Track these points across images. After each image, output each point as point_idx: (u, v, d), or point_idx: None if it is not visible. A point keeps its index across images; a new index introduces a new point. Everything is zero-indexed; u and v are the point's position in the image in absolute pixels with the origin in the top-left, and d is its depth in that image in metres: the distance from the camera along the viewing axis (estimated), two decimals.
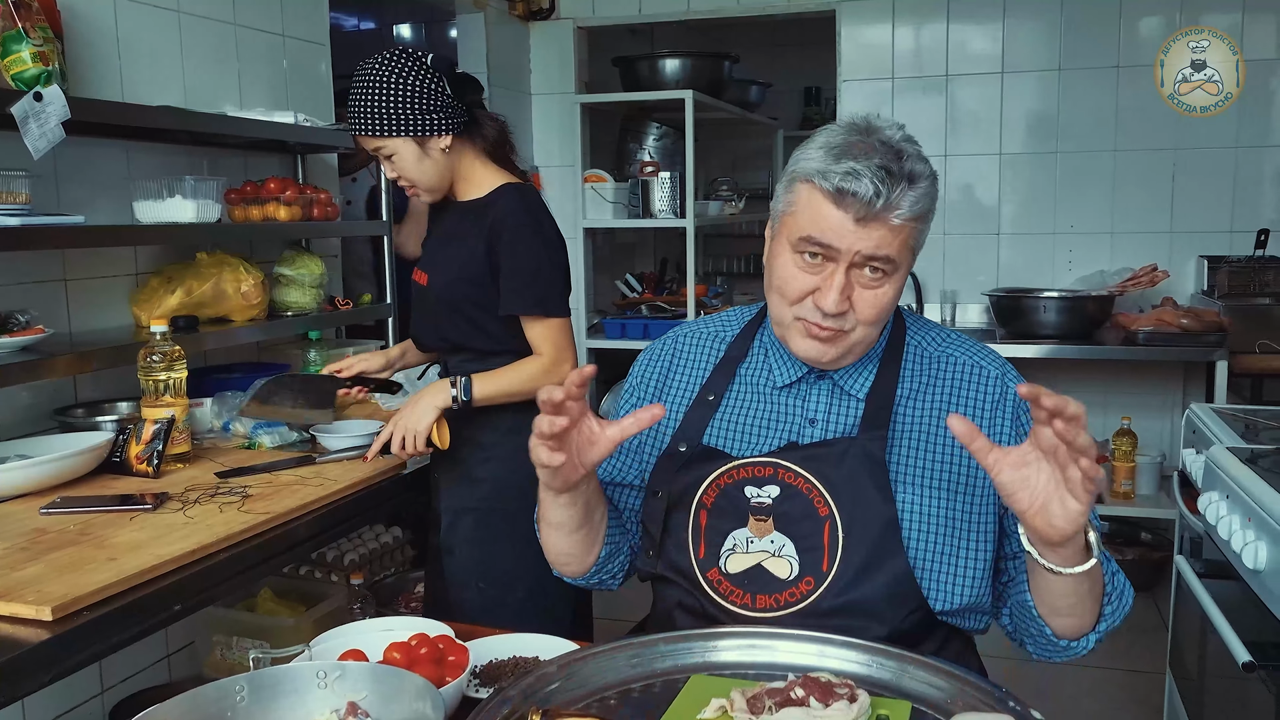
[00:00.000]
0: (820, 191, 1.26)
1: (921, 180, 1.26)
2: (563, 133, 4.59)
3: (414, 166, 2.07)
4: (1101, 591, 1.27)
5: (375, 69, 2.03)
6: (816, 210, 1.27)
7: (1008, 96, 4.20)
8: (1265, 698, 1.67)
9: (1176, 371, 4.14)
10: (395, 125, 2.02)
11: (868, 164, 1.23)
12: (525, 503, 2.09)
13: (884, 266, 1.28)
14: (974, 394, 1.39)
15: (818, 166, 1.26)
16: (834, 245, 1.26)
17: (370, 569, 3.01)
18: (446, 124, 2.06)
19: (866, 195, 1.22)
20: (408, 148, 2.05)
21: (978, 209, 4.28)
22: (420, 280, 2.20)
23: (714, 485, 1.38)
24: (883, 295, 1.30)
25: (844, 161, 1.24)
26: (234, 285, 2.56)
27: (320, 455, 2.20)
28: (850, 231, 1.25)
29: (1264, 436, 2.17)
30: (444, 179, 2.12)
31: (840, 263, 1.27)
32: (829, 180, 1.24)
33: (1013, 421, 1.38)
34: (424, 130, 2.04)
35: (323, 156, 3.23)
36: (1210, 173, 4.02)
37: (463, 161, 2.13)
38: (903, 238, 1.27)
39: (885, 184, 1.22)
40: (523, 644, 1.44)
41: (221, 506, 1.86)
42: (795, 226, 1.30)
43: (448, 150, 2.08)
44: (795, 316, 1.33)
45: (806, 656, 1.27)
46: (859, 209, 1.24)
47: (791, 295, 1.32)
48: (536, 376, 2.08)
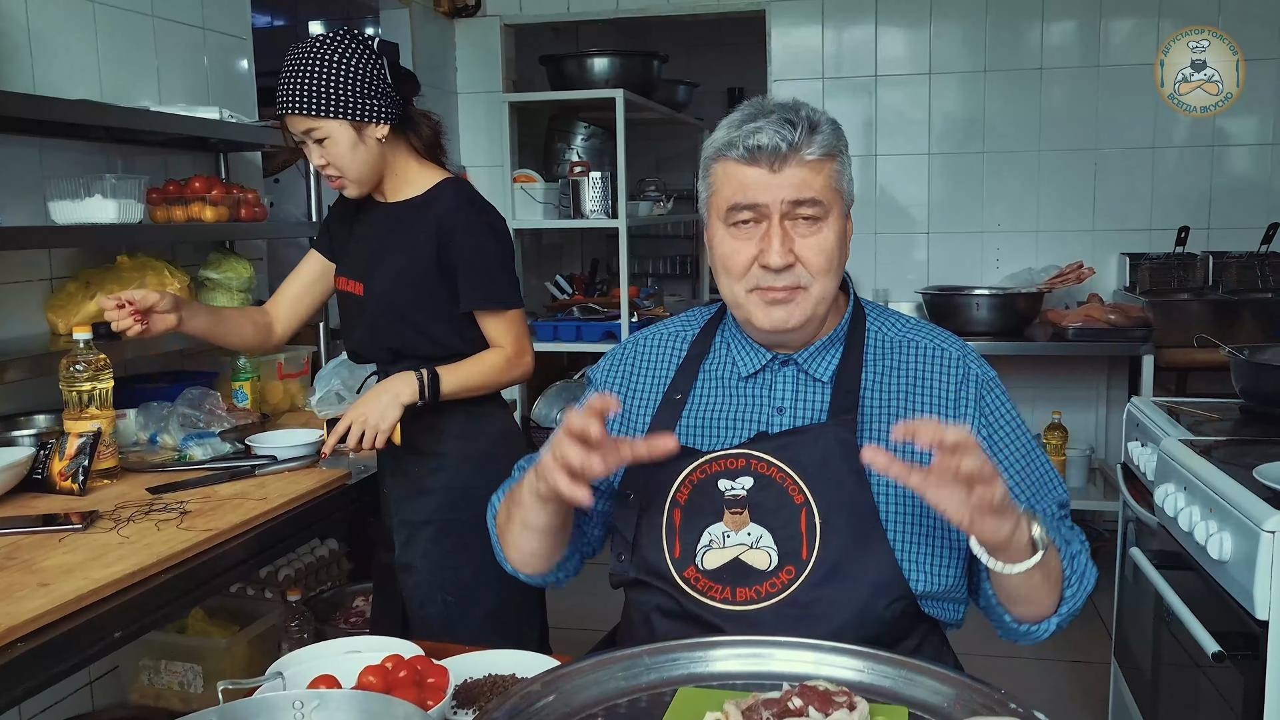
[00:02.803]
0: (732, 160, 1.30)
1: (823, 125, 1.30)
2: (490, 132, 4.50)
3: (347, 153, 1.95)
4: (1059, 578, 1.29)
5: (317, 46, 1.91)
6: (734, 177, 1.30)
7: (935, 98, 4.25)
8: (1233, 687, 1.69)
9: (1101, 366, 4.24)
10: (333, 105, 1.90)
11: (767, 120, 1.28)
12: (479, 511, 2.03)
13: (814, 210, 1.30)
14: (937, 376, 1.39)
15: (724, 140, 1.30)
16: (759, 201, 1.29)
17: (306, 584, 2.88)
18: (385, 113, 1.96)
19: (773, 143, 1.26)
20: (343, 132, 1.93)
21: (907, 208, 4.33)
22: (353, 289, 2.08)
23: (686, 482, 1.35)
24: (824, 240, 1.31)
25: (745, 127, 1.28)
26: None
27: (261, 467, 2.09)
28: (770, 182, 1.28)
29: (1208, 429, 2.21)
30: (375, 171, 2.00)
31: (772, 216, 1.29)
32: (736, 146, 1.28)
33: (976, 402, 1.38)
34: (363, 115, 1.93)
35: (246, 155, 3.10)
36: (1129, 172, 4.13)
37: (396, 158, 2.03)
38: (823, 177, 1.30)
39: (788, 129, 1.27)
40: (498, 661, 1.37)
41: (159, 524, 1.75)
42: (721, 200, 1.32)
43: (383, 141, 1.98)
44: (748, 290, 1.34)
45: (802, 665, 1.23)
46: (770, 159, 1.27)
47: (737, 268, 1.33)
48: (500, 368, 2.01)
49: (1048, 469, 1.40)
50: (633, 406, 1.46)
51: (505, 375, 2.03)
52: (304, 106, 1.91)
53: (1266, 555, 1.57)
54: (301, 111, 1.91)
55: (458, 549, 2.02)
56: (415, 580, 2.04)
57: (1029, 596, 1.27)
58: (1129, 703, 2.42)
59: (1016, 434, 1.39)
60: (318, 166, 2.00)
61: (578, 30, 5.42)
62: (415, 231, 2.00)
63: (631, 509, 1.38)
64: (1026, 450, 1.39)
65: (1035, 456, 1.40)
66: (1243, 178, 4.05)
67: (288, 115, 1.94)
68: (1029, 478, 1.38)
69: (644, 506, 1.37)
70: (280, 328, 2.23)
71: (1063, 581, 1.30)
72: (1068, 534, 1.36)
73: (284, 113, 1.94)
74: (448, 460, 2.04)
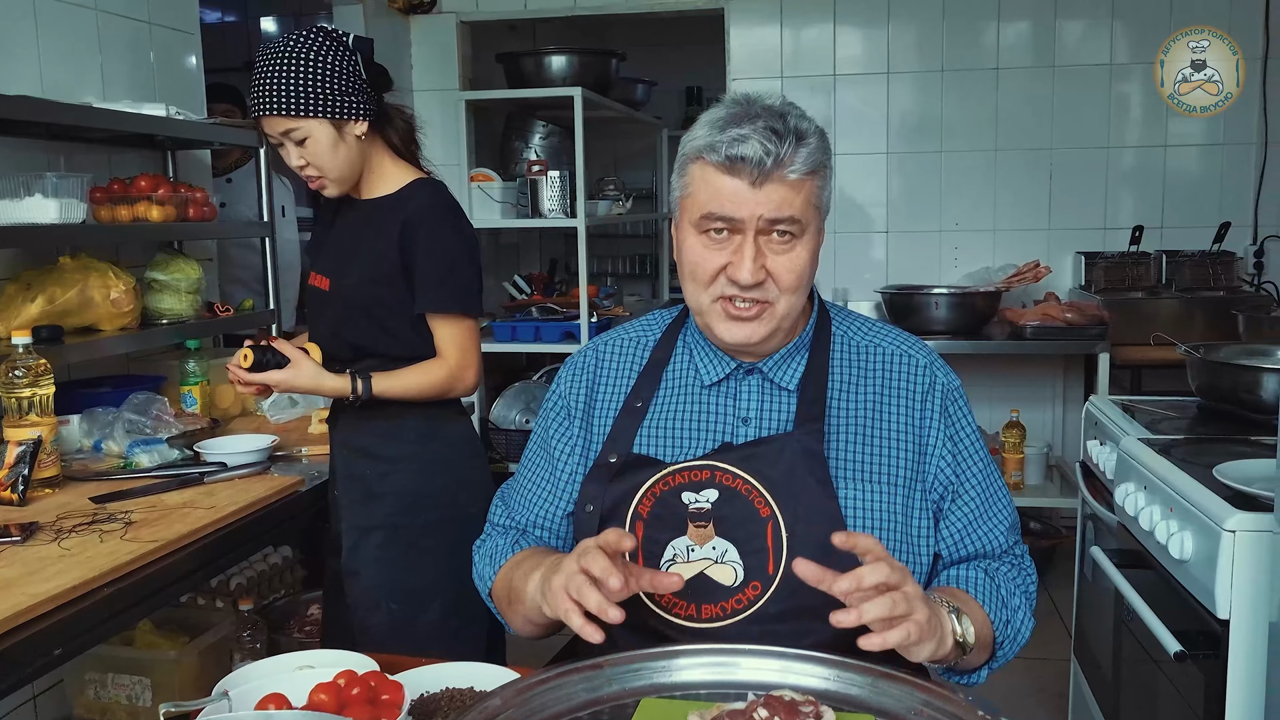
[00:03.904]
0: (712, 166, 1.24)
1: (810, 136, 1.25)
2: (446, 131, 4.43)
3: (328, 152, 1.91)
4: (990, 646, 1.29)
5: (292, 45, 1.86)
6: (712, 184, 1.24)
7: (893, 97, 4.26)
8: (1194, 685, 1.69)
9: (1058, 364, 4.28)
10: (313, 105, 1.86)
11: (753, 127, 1.22)
12: (435, 515, 2.00)
13: (791, 228, 1.26)
14: (904, 383, 1.38)
15: (705, 141, 1.24)
16: (736, 215, 1.24)
17: (258, 592, 2.82)
18: (364, 109, 1.92)
19: (757, 156, 1.21)
20: (324, 130, 1.89)
21: (865, 208, 4.33)
22: (320, 284, 2.04)
23: (649, 494, 1.32)
24: (797, 258, 1.27)
25: (729, 130, 1.22)
26: (102, 292, 2.35)
27: (210, 474, 2.03)
28: (749, 197, 1.23)
29: (1166, 427, 2.22)
30: (355, 169, 1.97)
31: (747, 232, 1.25)
32: (717, 151, 1.22)
33: (941, 411, 1.37)
34: (343, 113, 1.89)
35: (194, 153, 3.02)
36: (1084, 171, 4.16)
37: (372, 155, 1.99)
38: (804, 195, 1.25)
39: (773, 142, 1.21)
40: (455, 674, 1.32)
41: (102, 536, 1.69)
42: (695, 206, 1.27)
43: (362, 138, 1.94)
44: (713, 299, 1.30)
45: (768, 674, 1.21)
46: (752, 172, 1.22)
47: (704, 276, 1.29)
48: (438, 384, 1.97)
49: (1000, 486, 1.40)
50: (594, 415, 1.43)
51: (443, 390, 1.99)
52: (283, 107, 1.86)
53: (1228, 555, 1.57)
54: (280, 112, 1.86)
55: (406, 555, 1.97)
56: (361, 587, 1.99)
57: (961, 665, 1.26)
58: (1089, 700, 2.43)
59: (977, 447, 1.39)
60: (296, 167, 1.95)
61: (535, 28, 5.38)
62: (384, 229, 1.97)
63: (591, 521, 1.34)
64: (985, 465, 1.38)
65: (992, 473, 1.39)
66: (1195, 177, 4.10)
67: (265, 116, 1.89)
68: (985, 496, 1.37)
69: (604, 520, 1.33)
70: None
71: (993, 646, 1.30)
72: (1014, 578, 1.36)
73: (261, 113, 1.89)
74: (401, 465, 2.00)
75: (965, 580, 1.31)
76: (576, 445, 1.42)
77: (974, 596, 1.28)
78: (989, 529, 1.36)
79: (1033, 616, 1.36)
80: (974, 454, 1.37)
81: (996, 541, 1.36)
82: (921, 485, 1.34)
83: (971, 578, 1.31)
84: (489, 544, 1.46)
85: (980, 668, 1.31)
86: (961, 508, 1.36)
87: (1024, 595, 1.35)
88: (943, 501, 1.35)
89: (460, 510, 2.01)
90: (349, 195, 2.03)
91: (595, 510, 1.34)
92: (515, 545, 1.42)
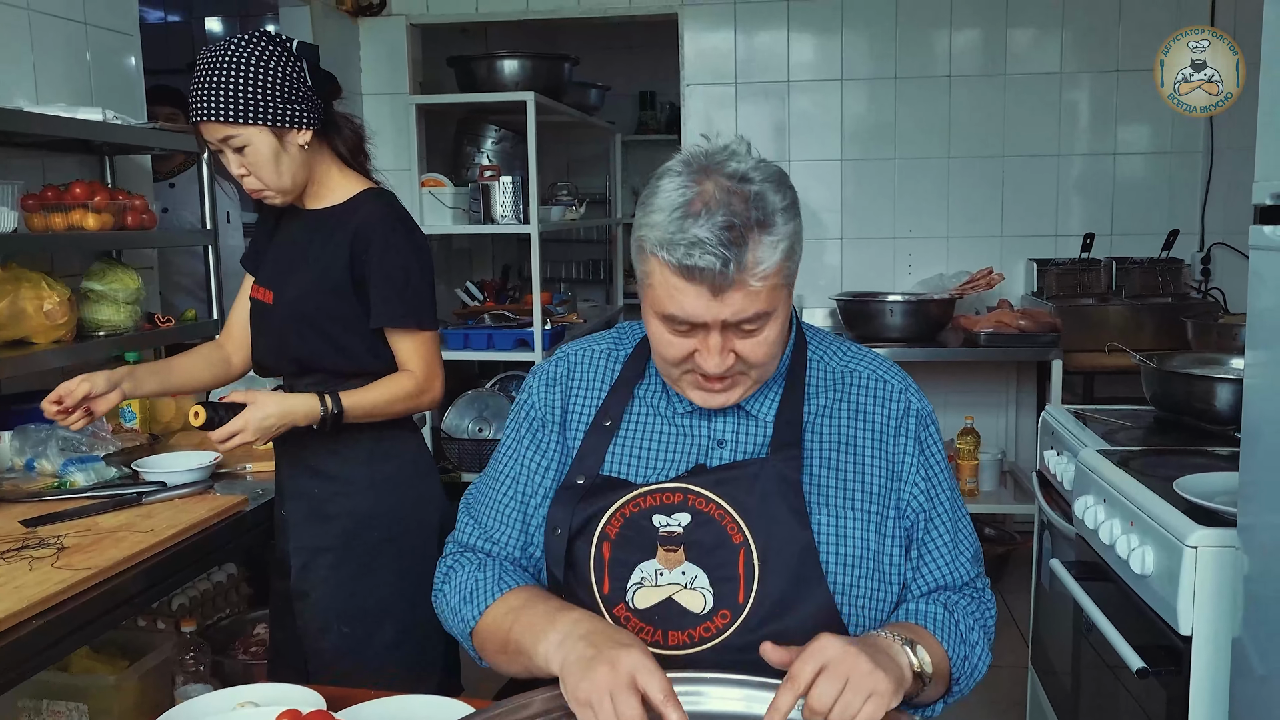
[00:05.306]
0: (669, 267, 1.14)
1: (775, 220, 1.14)
2: (397, 135, 4.36)
3: (269, 163, 1.83)
4: (946, 680, 1.27)
5: (232, 49, 1.78)
6: (670, 287, 1.16)
7: (846, 103, 4.26)
8: (1155, 700, 1.69)
9: (1010, 371, 4.30)
10: (253, 112, 1.78)
11: (710, 226, 1.11)
12: (387, 534, 1.93)
13: (758, 323, 1.19)
14: (879, 409, 1.35)
15: (661, 235, 1.14)
16: (696, 320, 1.17)
17: (202, 613, 2.73)
18: (307, 118, 1.85)
19: (715, 268, 1.11)
20: (264, 139, 1.81)
21: (819, 214, 4.32)
22: (264, 298, 1.97)
23: (617, 515, 1.28)
24: (767, 338, 1.21)
25: (686, 227, 1.12)
26: (35, 303, 2.26)
27: (148, 494, 1.95)
28: (709, 305, 1.15)
29: (1123, 437, 2.22)
30: (298, 180, 1.89)
31: (711, 329, 1.18)
32: (674, 255, 1.13)
33: (916, 440, 1.34)
34: (285, 121, 1.81)
35: (134, 158, 2.92)
36: (1035, 178, 4.19)
37: (318, 165, 1.92)
38: (769, 288, 1.16)
39: (732, 249, 1.11)
40: (404, 709, 1.27)
41: (32, 563, 1.61)
42: (655, 301, 1.19)
43: (305, 148, 1.87)
44: (683, 372, 1.25)
45: (732, 703, 1.17)
46: (712, 281, 1.13)
47: (672, 359, 1.24)
48: (407, 396, 1.91)
49: (965, 515, 1.38)
50: (569, 428, 1.37)
51: (412, 403, 1.92)
52: (220, 113, 1.78)
53: (1189, 570, 1.56)
54: (218, 119, 1.78)
55: (358, 576, 1.91)
56: (311, 609, 1.93)
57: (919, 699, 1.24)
58: (1046, 709, 2.42)
59: (947, 475, 1.37)
60: (237, 176, 1.87)
61: (486, 31, 5.31)
62: (332, 240, 1.90)
63: (559, 543, 1.30)
64: (953, 494, 1.37)
65: (958, 502, 1.37)
66: (1143, 184, 4.15)
67: (203, 122, 1.81)
68: (953, 526, 1.35)
69: (572, 539, 1.29)
70: (238, 358, 2.13)
71: (950, 681, 1.28)
72: (974, 612, 1.33)
73: (199, 119, 1.81)
74: (352, 485, 1.93)
75: (924, 615, 1.28)
76: (553, 460, 1.36)
77: (933, 633, 1.26)
78: (957, 559, 1.34)
79: (990, 652, 1.34)
80: (944, 483, 1.35)
81: (961, 572, 1.34)
82: (895, 512, 1.31)
83: (931, 613, 1.28)
84: (461, 575, 1.36)
85: (936, 702, 1.29)
86: (933, 538, 1.33)
87: (982, 629, 1.33)
88: (914, 530, 1.33)
89: (412, 529, 1.95)
90: (293, 205, 1.96)
91: (564, 534, 1.29)
92: (500, 581, 1.32)
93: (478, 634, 1.31)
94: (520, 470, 1.38)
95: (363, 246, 1.86)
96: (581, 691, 1.06)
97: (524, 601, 1.27)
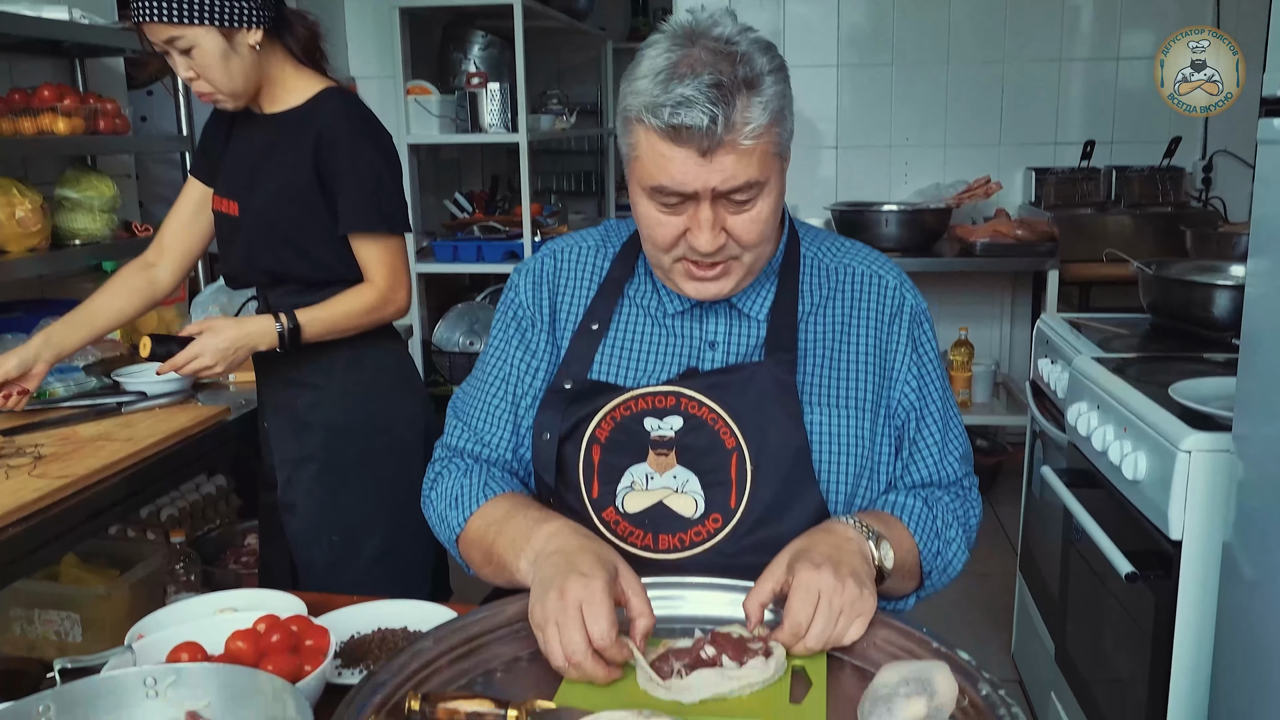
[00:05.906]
0: (655, 132, 1.11)
1: (763, 81, 1.11)
2: (380, 41, 4.24)
3: (218, 64, 1.74)
4: (918, 574, 1.26)
5: None
6: (657, 154, 1.12)
7: (843, 8, 4.13)
8: (1143, 605, 1.68)
9: (1006, 281, 4.25)
10: (197, 10, 1.69)
11: (697, 85, 1.08)
12: (369, 445, 1.91)
13: (749, 192, 1.15)
14: (873, 305, 1.32)
15: (646, 100, 1.11)
16: (685, 189, 1.13)
17: (191, 523, 2.72)
18: (257, 16, 1.76)
19: (703, 125, 1.08)
20: (211, 40, 1.72)
21: (814, 122, 4.23)
22: (228, 209, 1.89)
23: (608, 418, 1.25)
24: (759, 214, 1.17)
25: (672, 88, 1.09)
26: (6, 210, 2.21)
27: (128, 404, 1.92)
28: (698, 169, 1.11)
29: (1119, 345, 2.19)
30: (251, 82, 1.81)
31: (702, 200, 1.14)
32: (659, 117, 1.09)
33: (909, 335, 1.32)
34: (232, 19, 1.72)
35: (105, 61, 2.83)
36: (1035, 85, 4.09)
37: (271, 66, 1.83)
38: (760, 153, 1.12)
39: (720, 105, 1.08)
40: (387, 613, 1.26)
41: (8, 471, 1.59)
42: (643, 173, 1.15)
43: (257, 48, 1.78)
44: (674, 260, 1.21)
45: (717, 607, 1.16)
46: (700, 141, 1.09)
47: (662, 243, 1.19)
48: (370, 308, 1.86)
49: (956, 414, 1.36)
50: (558, 326, 1.34)
51: (375, 316, 1.87)
52: (163, 12, 1.68)
53: (1182, 475, 1.55)
54: (160, 18, 1.69)
55: (342, 487, 1.89)
56: (299, 521, 1.91)
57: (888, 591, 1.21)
58: (1034, 616, 2.44)
59: (940, 373, 1.34)
60: (186, 79, 1.79)
61: None
62: (295, 144, 1.82)
63: (548, 448, 1.27)
64: (945, 393, 1.34)
65: (950, 400, 1.35)
66: (1145, 91, 4.05)
67: (145, 23, 1.71)
68: (944, 424, 1.33)
69: (562, 442, 1.26)
70: (166, 274, 2.03)
71: (920, 575, 1.26)
72: (955, 509, 1.31)
73: (140, 19, 1.71)
74: (331, 393, 1.90)
75: (901, 507, 1.26)
76: (543, 361, 1.33)
77: (906, 524, 1.24)
78: (945, 458, 1.32)
79: (968, 550, 1.32)
80: (936, 381, 1.33)
81: (949, 470, 1.32)
82: (886, 409, 1.29)
83: (908, 505, 1.26)
84: (447, 480, 1.34)
85: (908, 595, 1.28)
86: (923, 435, 1.31)
87: (961, 527, 1.31)
88: (905, 427, 1.30)
89: (395, 439, 1.92)
90: (249, 109, 1.88)
91: (553, 439, 1.27)
92: (485, 487, 1.29)
93: (463, 542, 1.29)
94: (510, 371, 1.35)
95: (328, 150, 1.79)
96: (536, 615, 1.07)
97: (505, 513, 1.24)
